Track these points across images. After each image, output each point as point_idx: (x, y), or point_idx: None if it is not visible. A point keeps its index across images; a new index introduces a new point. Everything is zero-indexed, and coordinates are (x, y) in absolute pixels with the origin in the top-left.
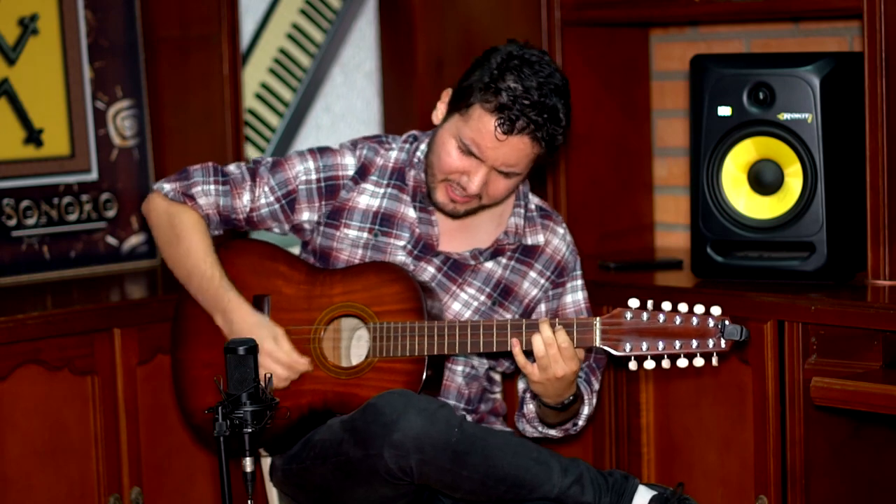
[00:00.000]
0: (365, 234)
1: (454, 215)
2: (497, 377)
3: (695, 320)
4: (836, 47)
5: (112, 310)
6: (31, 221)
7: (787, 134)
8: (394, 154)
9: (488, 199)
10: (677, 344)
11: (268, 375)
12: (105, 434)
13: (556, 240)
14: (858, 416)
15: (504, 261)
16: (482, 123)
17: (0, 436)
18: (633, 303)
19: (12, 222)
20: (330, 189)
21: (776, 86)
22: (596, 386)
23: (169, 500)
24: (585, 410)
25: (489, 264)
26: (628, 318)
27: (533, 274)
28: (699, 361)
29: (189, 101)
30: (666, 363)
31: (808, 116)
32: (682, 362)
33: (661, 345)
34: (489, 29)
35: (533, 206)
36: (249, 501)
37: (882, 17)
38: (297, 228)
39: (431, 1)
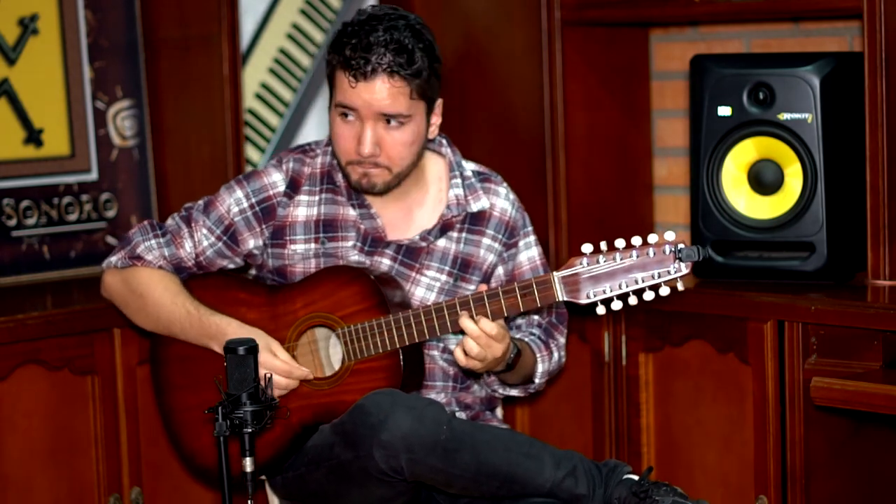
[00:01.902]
0: (312, 246)
1: (374, 191)
2: None
3: (651, 251)
4: (836, 47)
5: (112, 310)
6: (31, 221)
7: (787, 134)
8: (319, 160)
9: (394, 162)
10: (639, 278)
11: (268, 375)
12: (105, 434)
13: (500, 200)
14: (858, 416)
15: (455, 234)
16: (341, 81)
17: (0, 436)
18: (587, 248)
19: (12, 222)
20: (266, 211)
21: (776, 86)
22: (561, 340)
23: (169, 500)
24: (540, 367)
25: (442, 242)
26: (585, 265)
27: (486, 240)
28: (665, 291)
29: (189, 101)
30: (633, 300)
31: (808, 116)
32: (649, 295)
33: (623, 283)
34: (489, 29)
35: (469, 173)
36: (249, 501)
37: (882, 17)
38: (248, 257)
39: (431, 1)
